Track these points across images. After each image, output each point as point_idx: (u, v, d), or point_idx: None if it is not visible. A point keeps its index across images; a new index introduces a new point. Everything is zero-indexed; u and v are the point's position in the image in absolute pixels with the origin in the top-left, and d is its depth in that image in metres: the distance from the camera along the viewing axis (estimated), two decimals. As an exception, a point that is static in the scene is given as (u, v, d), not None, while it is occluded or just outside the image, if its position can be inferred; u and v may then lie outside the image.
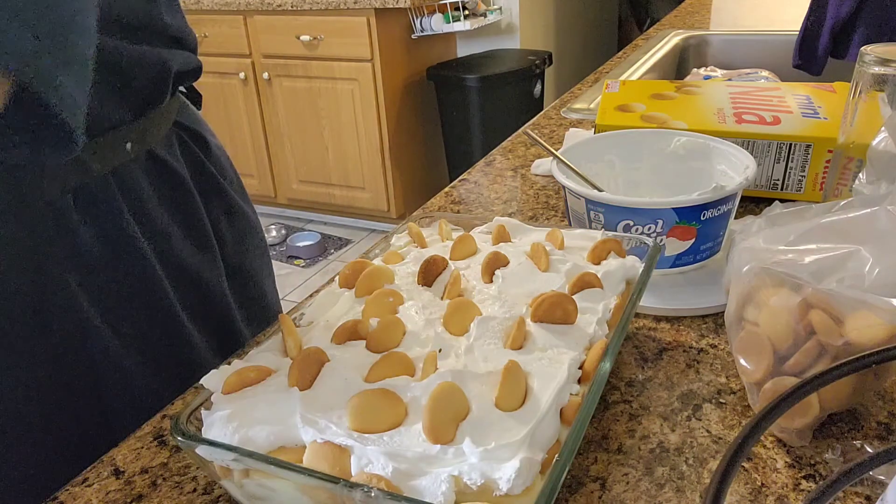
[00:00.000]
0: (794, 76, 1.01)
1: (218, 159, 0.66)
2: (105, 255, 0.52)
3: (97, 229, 0.51)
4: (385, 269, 0.46)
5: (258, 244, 0.70)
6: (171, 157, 0.59)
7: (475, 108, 2.69)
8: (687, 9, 1.75)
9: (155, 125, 0.56)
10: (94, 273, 0.51)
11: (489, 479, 0.31)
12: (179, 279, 0.57)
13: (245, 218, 0.68)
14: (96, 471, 0.43)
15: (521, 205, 0.75)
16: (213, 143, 0.66)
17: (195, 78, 0.61)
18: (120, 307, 0.53)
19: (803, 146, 0.65)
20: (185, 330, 0.57)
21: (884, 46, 0.51)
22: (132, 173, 0.54)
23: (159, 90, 0.55)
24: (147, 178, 0.56)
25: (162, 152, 0.57)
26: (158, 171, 0.57)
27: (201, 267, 0.60)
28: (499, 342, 0.39)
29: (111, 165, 0.52)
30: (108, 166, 0.52)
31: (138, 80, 0.52)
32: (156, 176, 0.57)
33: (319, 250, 2.86)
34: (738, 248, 0.42)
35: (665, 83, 0.81)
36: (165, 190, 0.57)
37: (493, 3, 2.88)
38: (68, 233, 0.50)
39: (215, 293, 0.61)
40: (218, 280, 0.62)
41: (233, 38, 2.84)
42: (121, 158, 0.53)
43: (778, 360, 0.39)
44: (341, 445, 0.33)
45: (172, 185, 0.58)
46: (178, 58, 0.56)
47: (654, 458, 0.40)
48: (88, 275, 0.51)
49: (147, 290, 0.54)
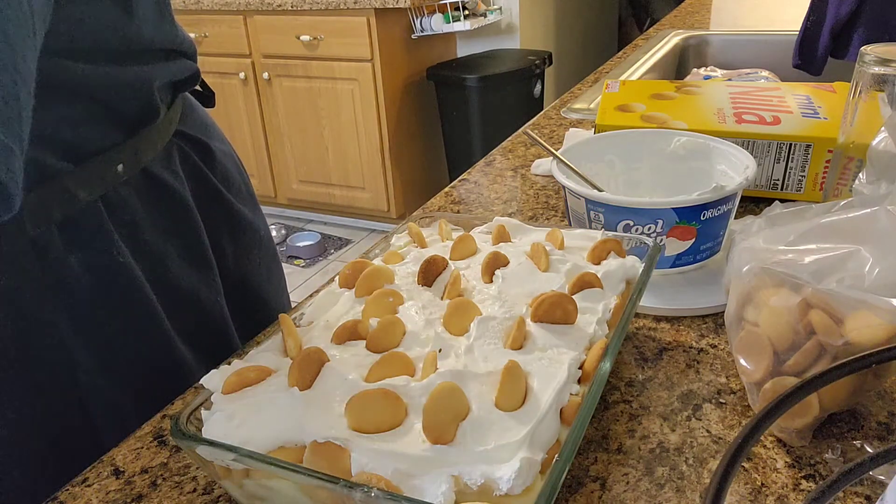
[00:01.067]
0: (794, 76, 1.01)
1: (223, 168, 0.64)
2: (95, 286, 0.49)
3: (85, 259, 0.49)
4: (385, 269, 0.46)
5: (264, 254, 0.68)
6: (168, 173, 0.56)
7: (475, 108, 2.69)
8: (687, 9, 1.75)
9: (150, 142, 0.54)
10: (84, 307, 0.49)
11: (489, 479, 0.31)
12: (175, 302, 0.55)
13: (250, 228, 0.66)
14: (96, 471, 0.43)
15: (521, 205, 0.75)
16: (219, 151, 0.64)
17: (192, 84, 0.59)
18: (112, 341, 0.51)
19: (803, 146, 0.65)
20: (179, 354, 0.55)
21: (884, 46, 0.51)
22: (123, 196, 0.52)
23: (150, 107, 0.53)
24: (140, 199, 0.53)
25: (157, 169, 0.55)
26: (154, 189, 0.54)
27: (198, 287, 0.58)
28: (499, 342, 0.39)
29: (100, 192, 0.49)
30: (96, 193, 0.49)
31: (123, 102, 0.50)
32: (150, 195, 0.54)
33: (319, 250, 2.86)
34: (738, 248, 0.42)
35: (665, 83, 0.81)
36: (161, 209, 0.55)
37: (493, 3, 2.88)
38: (53, 268, 0.47)
39: (213, 312, 0.59)
40: (215, 299, 0.60)
41: (233, 38, 2.84)
42: (111, 182, 0.50)
43: (778, 360, 0.39)
44: (341, 445, 0.33)
45: (169, 203, 0.56)
46: (169, 68, 0.54)
47: (654, 458, 0.40)
48: (77, 310, 0.48)
49: (140, 318, 0.52)
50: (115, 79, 0.49)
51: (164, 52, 0.54)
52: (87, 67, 0.46)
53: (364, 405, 0.34)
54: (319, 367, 0.37)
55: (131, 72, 0.50)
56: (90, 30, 0.45)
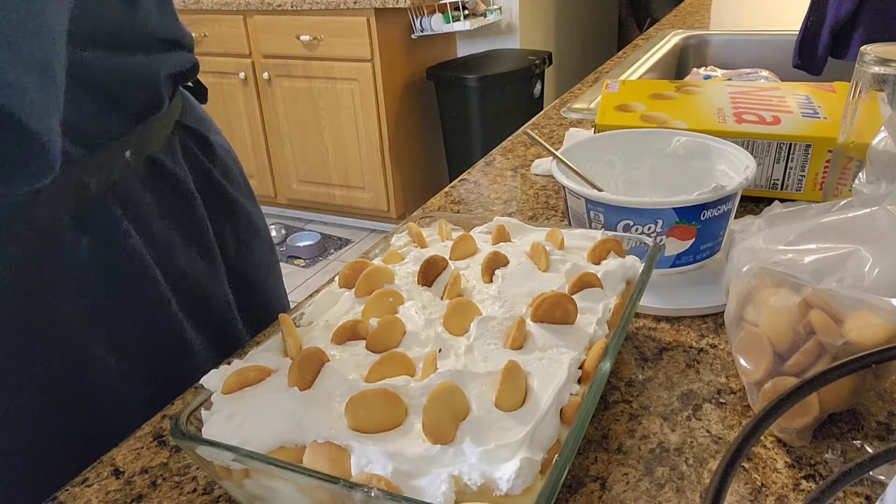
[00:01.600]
0: (794, 76, 1.01)
1: (223, 161, 0.64)
2: (104, 273, 0.50)
3: (95, 247, 0.49)
4: (385, 269, 0.46)
5: (263, 246, 0.69)
6: (172, 162, 0.57)
7: (475, 108, 2.69)
8: (687, 9, 1.75)
9: (155, 131, 0.55)
10: (94, 293, 0.49)
11: (489, 479, 0.31)
12: (181, 289, 0.56)
13: (250, 221, 0.67)
14: (96, 471, 0.43)
15: (521, 205, 0.75)
16: (218, 145, 0.65)
17: (193, 76, 0.60)
18: (121, 327, 0.51)
19: (803, 146, 0.65)
20: (187, 342, 0.56)
21: (884, 46, 0.51)
22: (130, 184, 0.52)
23: (156, 96, 0.54)
24: (146, 187, 0.54)
25: (163, 158, 0.56)
26: (159, 177, 0.55)
27: (203, 275, 0.59)
28: (499, 342, 0.39)
29: (110, 180, 0.50)
30: (106, 181, 0.50)
31: (130, 90, 0.51)
32: (156, 183, 0.55)
33: (319, 250, 2.86)
34: (738, 248, 0.42)
35: (665, 83, 0.81)
36: (166, 197, 0.56)
37: (493, 3, 2.88)
38: (62, 256, 0.48)
39: (218, 301, 0.60)
40: (220, 287, 0.61)
41: (233, 38, 2.84)
42: (120, 169, 0.51)
43: (778, 360, 0.39)
44: (341, 445, 0.33)
45: (174, 192, 0.57)
46: (172, 59, 0.55)
47: (654, 458, 0.40)
48: (87, 296, 0.49)
49: (150, 304, 0.53)
50: (125, 67, 0.50)
51: (168, 44, 0.55)
52: (98, 55, 0.47)
53: (364, 405, 0.34)
54: (319, 367, 0.37)
55: (139, 61, 0.51)
56: (99, 19, 0.46)
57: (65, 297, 0.48)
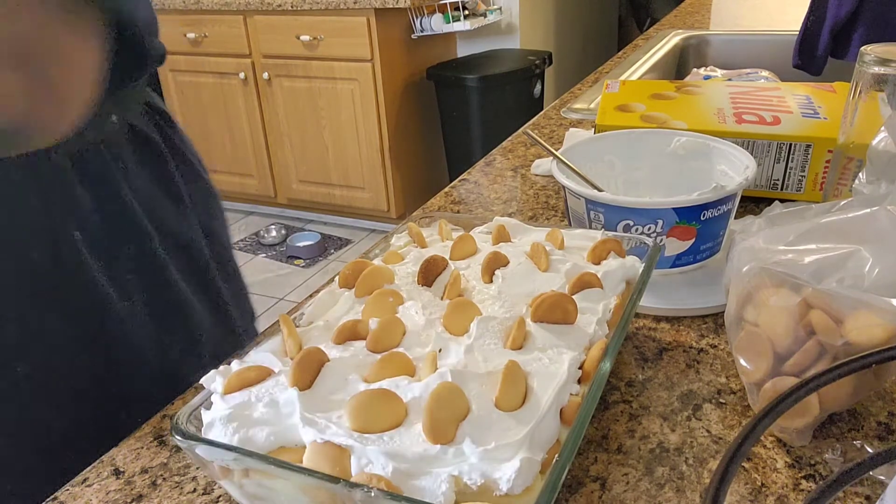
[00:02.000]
0: (794, 76, 1.01)
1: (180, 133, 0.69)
2: (105, 220, 0.54)
3: (95, 194, 0.53)
4: (385, 269, 0.46)
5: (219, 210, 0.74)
6: (148, 129, 0.61)
7: (475, 108, 2.68)
8: (687, 9, 1.75)
9: (133, 99, 0.59)
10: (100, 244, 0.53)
11: (489, 479, 0.31)
12: (167, 242, 0.60)
13: (207, 185, 0.72)
14: (96, 471, 0.43)
15: (521, 205, 0.75)
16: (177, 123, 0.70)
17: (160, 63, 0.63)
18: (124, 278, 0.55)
19: (803, 146, 0.65)
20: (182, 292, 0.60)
21: (884, 46, 0.51)
22: (118, 140, 0.56)
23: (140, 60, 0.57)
24: (131, 145, 0.58)
25: (139, 124, 0.60)
26: (139, 141, 0.60)
27: (183, 230, 0.63)
28: (499, 342, 0.39)
29: (101, 135, 0.54)
30: (99, 135, 0.54)
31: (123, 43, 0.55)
32: (137, 146, 0.59)
33: (319, 250, 2.86)
34: (738, 248, 0.42)
35: (665, 83, 0.81)
36: (147, 159, 0.60)
37: (493, 3, 2.88)
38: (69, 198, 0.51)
39: (199, 254, 0.64)
40: (199, 242, 0.65)
41: (233, 38, 2.84)
42: (108, 129, 0.55)
43: (778, 360, 0.39)
44: (341, 445, 0.33)
45: (151, 153, 0.61)
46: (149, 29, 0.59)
47: (654, 458, 0.40)
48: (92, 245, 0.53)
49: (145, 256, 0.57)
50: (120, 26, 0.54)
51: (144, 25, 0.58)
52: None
53: (364, 405, 0.34)
54: (319, 367, 0.37)
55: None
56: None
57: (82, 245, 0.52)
